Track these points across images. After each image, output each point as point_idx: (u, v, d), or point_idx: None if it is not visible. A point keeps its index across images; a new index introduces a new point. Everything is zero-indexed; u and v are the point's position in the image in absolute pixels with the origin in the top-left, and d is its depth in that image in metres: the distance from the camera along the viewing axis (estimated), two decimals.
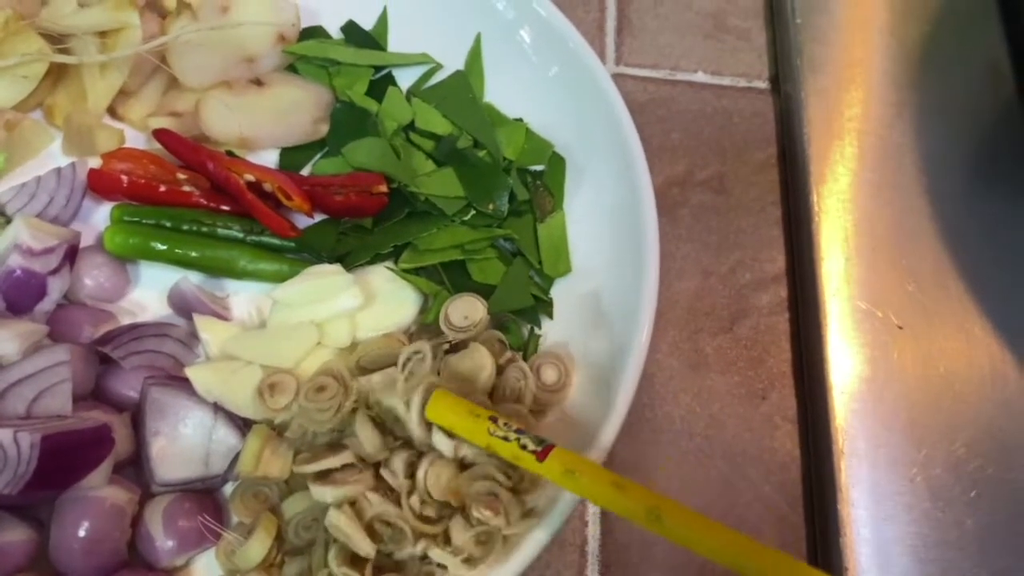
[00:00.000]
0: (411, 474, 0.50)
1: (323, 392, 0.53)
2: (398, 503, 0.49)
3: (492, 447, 0.46)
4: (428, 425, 0.50)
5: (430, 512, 0.50)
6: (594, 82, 0.60)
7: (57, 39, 0.63)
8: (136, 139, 0.64)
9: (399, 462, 0.50)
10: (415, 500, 0.49)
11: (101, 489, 0.50)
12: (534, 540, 0.49)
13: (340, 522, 0.48)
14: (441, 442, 0.49)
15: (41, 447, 0.47)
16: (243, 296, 0.60)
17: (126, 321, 0.58)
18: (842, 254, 0.65)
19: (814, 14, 0.76)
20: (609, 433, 0.51)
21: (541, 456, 0.45)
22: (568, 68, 0.62)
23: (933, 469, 0.58)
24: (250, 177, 0.59)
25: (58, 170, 0.60)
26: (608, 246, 0.60)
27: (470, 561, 0.48)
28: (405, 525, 0.49)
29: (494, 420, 0.46)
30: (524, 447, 0.45)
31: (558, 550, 0.57)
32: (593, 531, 0.58)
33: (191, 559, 0.52)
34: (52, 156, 0.64)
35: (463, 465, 0.51)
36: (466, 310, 0.56)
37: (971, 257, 0.66)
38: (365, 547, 0.49)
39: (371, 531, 0.49)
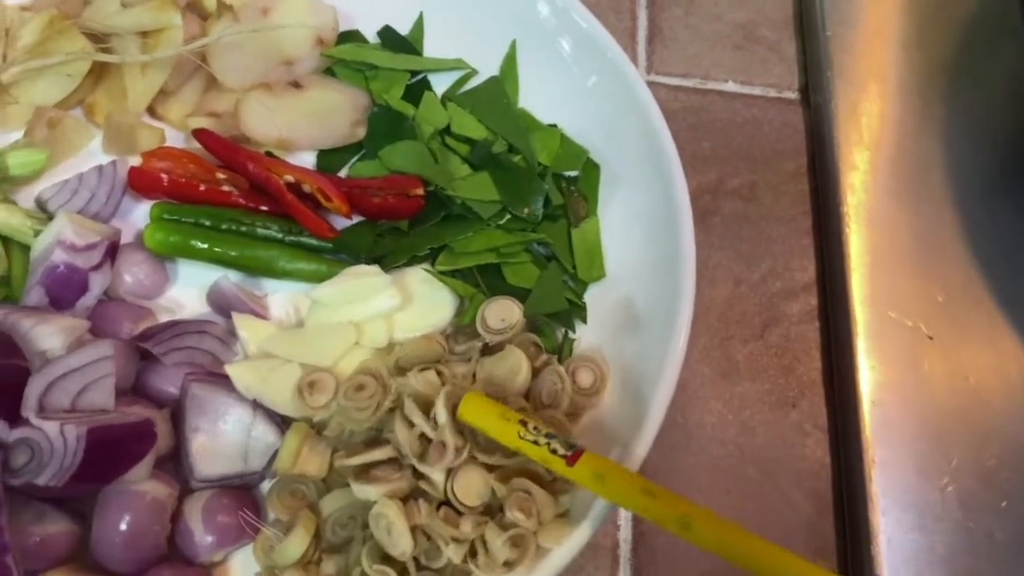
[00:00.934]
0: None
1: (362, 391, 0.53)
2: (439, 513, 0.50)
3: (522, 450, 0.47)
4: (459, 429, 0.51)
5: (467, 523, 0.50)
6: (632, 93, 0.61)
7: (99, 38, 0.64)
8: (174, 138, 0.65)
9: (439, 472, 0.51)
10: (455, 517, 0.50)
11: (142, 483, 0.50)
12: (569, 543, 0.49)
13: (390, 512, 0.48)
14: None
15: (87, 440, 0.47)
16: (281, 295, 0.61)
17: (164, 318, 0.59)
18: (872, 264, 0.66)
19: (843, 26, 0.76)
20: (645, 440, 0.51)
21: (571, 461, 0.45)
22: (606, 78, 0.63)
23: (963, 479, 0.59)
24: (290, 178, 0.60)
25: (99, 168, 0.61)
26: (642, 253, 0.60)
27: (505, 565, 0.49)
28: (444, 540, 0.49)
29: (524, 424, 0.47)
30: (554, 451, 0.46)
31: (591, 553, 0.57)
32: (625, 535, 0.58)
33: (229, 554, 0.53)
34: (92, 153, 0.65)
35: (491, 468, 0.51)
36: (502, 313, 0.57)
37: (1000, 268, 0.66)
38: (404, 543, 0.49)
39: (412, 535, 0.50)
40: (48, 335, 0.52)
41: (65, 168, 0.63)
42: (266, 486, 0.55)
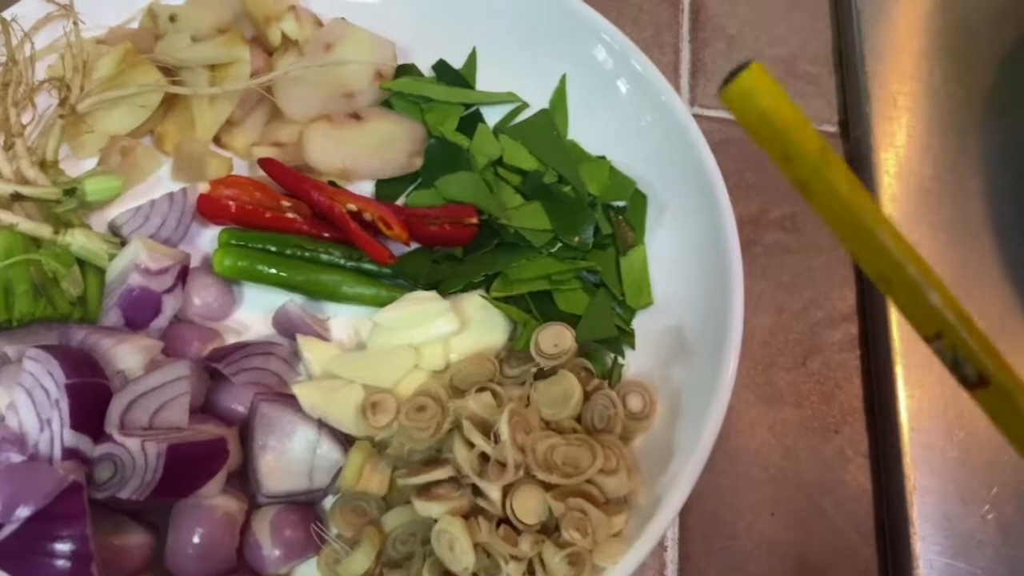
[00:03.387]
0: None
1: (423, 412, 0.56)
2: (499, 531, 0.52)
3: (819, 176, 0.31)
4: (520, 447, 0.53)
5: (525, 541, 0.52)
6: (683, 131, 0.63)
7: (170, 71, 0.67)
8: (239, 167, 0.68)
9: (497, 490, 0.53)
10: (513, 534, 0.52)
11: (215, 498, 0.53)
12: (624, 563, 0.51)
13: (454, 529, 0.50)
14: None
15: (167, 456, 0.50)
16: (342, 318, 0.63)
17: (230, 339, 0.62)
18: None
19: (881, 61, 0.78)
20: (696, 465, 0.53)
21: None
22: (659, 117, 0.65)
23: (1004, 507, 0.60)
24: (352, 207, 0.62)
25: (170, 195, 0.64)
26: (689, 282, 0.62)
27: None
28: (503, 557, 0.51)
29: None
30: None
31: (638, 573, 0.59)
32: (672, 555, 0.60)
33: (294, 567, 0.55)
34: (161, 180, 0.68)
35: (547, 487, 0.54)
36: (555, 338, 0.59)
37: None
38: (467, 560, 0.51)
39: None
40: (127, 355, 0.55)
41: (134, 194, 0.66)
42: (327, 502, 0.57)
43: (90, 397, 0.51)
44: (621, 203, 0.67)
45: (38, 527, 0.48)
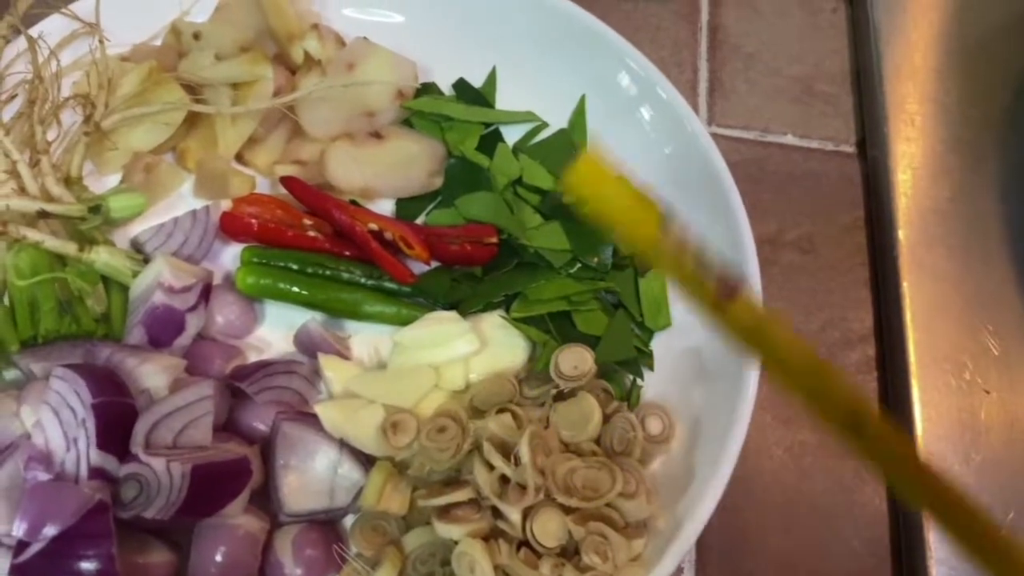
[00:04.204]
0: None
1: (444, 433, 0.56)
2: (520, 554, 0.52)
3: (659, 255, 0.33)
4: (540, 470, 0.54)
5: (545, 564, 0.52)
6: (705, 157, 0.64)
7: (193, 89, 0.68)
8: (260, 184, 0.69)
9: (517, 512, 0.53)
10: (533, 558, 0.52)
11: (237, 517, 0.53)
12: None
13: (474, 551, 0.51)
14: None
15: (191, 476, 0.50)
16: (362, 337, 0.64)
17: (253, 356, 0.62)
18: (928, 316, 0.67)
19: (899, 82, 0.79)
20: (716, 488, 0.53)
21: (725, 294, 0.32)
22: (682, 144, 0.66)
23: (1021, 531, 0.60)
24: (374, 226, 0.63)
25: (193, 212, 0.65)
26: None
27: None
28: None
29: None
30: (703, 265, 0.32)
31: None
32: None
33: None
34: (182, 197, 0.69)
35: (567, 511, 0.54)
36: (575, 360, 0.59)
37: None
38: None
39: None
40: (151, 374, 0.55)
41: (156, 211, 0.67)
42: (347, 520, 0.58)
43: (116, 416, 0.52)
44: None
45: (64, 546, 0.48)
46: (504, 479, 0.55)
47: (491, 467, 0.55)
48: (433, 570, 0.55)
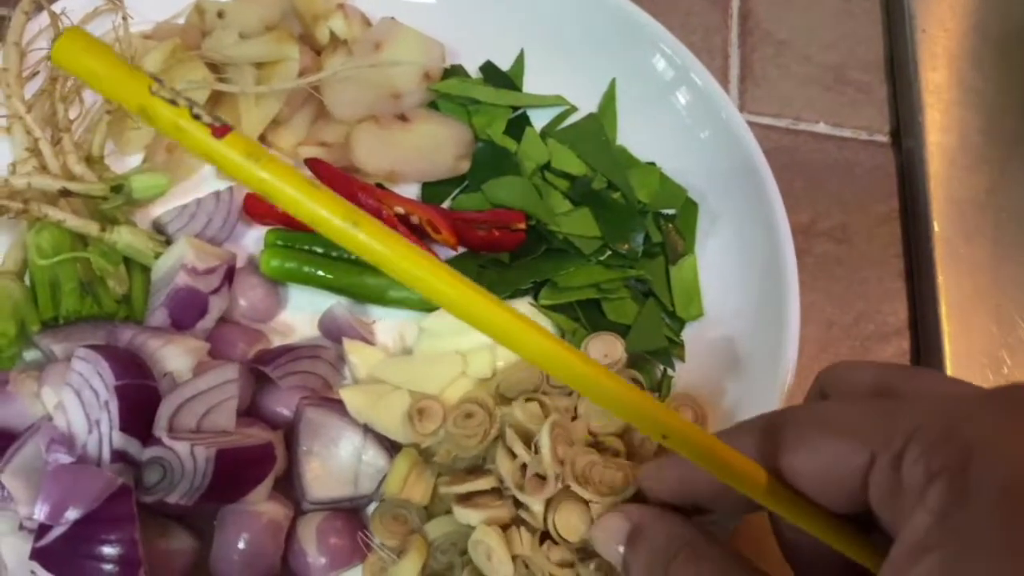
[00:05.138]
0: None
1: (471, 419, 0.55)
2: (543, 548, 0.51)
3: (149, 110, 0.32)
4: (560, 460, 0.52)
5: (567, 556, 0.51)
6: (741, 145, 0.62)
7: (216, 68, 0.66)
8: None
9: (538, 503, 0.52)
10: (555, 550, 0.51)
11: (260, 504, 0.52)
12: None
13: (490, 539, 0.49)
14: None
15: (216, 461, 0.49)
16: (387, 322, 0.62)
17: (276, 341, 0.61)
18: (964, 310, 0.66)
19: (935, 70, 0.77)
20: None
21: (219, 132, 0.31)
22: (718, 131, 0.65)
23: None
24: (400, 210, 0.62)
25: (217, 193, 0.63)
26: (742, 294, 0.61)
27: None
28: (543, 573, 0.50)
29: (158, 80, 0.32)
30: (197, 116, 0.32)
31: None
32: None
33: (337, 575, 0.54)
34: (204, 178, 0.67)
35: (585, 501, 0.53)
36: (605, 348, 0.58)
37: None
38: (505, 570, 0.50)
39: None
40: (174, 356, 0.54)
41: (176, 193, 0.66)
42: (368, 509, 0.57)
43: (139, 399, 0.51)
44: (671, 211, 0.66)
45: (86, 530, 0.47)
46: (525, 468, 0.53)
47: (514, 456, 0.54)
48: (453, 559, 0.53)
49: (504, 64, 0.72)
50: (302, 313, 0.62)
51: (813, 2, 0.83)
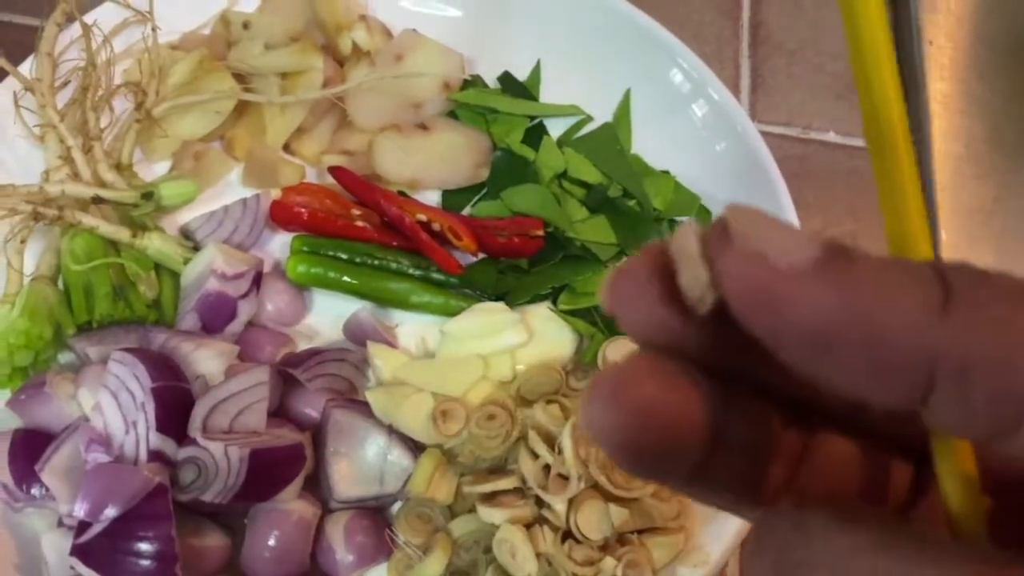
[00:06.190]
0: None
1: (493, 420, 0.57)
2: (565, 546, 0.53)
3: None
4: (583, 460, 0.54)
5: (588, 553, 0.53)
6: (755, 156, 0.64)
7: (242, 77, 0.68)
8: (307, 174, 0.69)
9: (561, 502, 0.53)
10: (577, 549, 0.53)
11: (291, 503, 0.54)
12: None
13: (515, 537, 0.51)
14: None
15: (249, 461, 0.51)
16: (409, 327, 0.64)
17: (302, 344, 0.63)
18: None
19: (943, 81, 0.78)
20: None
21: None
22: (733, 143, 0.66)
23: None
24: (422, 217, 0.63)
25: (244, 200, 0.65)
26: None
27: None
28: (566, 571, 0.52)
29: None
30: None
31: None
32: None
33: (363, 573, 0.56)
34: (229, 185, 0.69)
35: (610, 498, 0.54)
36: (623, 352, 0.60)
37: None
38: (529, 567, 0.52)
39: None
40: (207, 359, 0.56)
41: (203, 199, 0.67)
42: (393, 508, 0.58)
43: (174, 400, 0.53)
44: (685, 219, 0.67)
45: (124, 527, 0.49)
46: (548, 469, 0.55)
47: (536, 456, 0.55)
48: (477, 557, 0.55)
49: (521, 75, 0.73)
50: (327, 317, 0.64)
51: (823, 13, 0.84)
